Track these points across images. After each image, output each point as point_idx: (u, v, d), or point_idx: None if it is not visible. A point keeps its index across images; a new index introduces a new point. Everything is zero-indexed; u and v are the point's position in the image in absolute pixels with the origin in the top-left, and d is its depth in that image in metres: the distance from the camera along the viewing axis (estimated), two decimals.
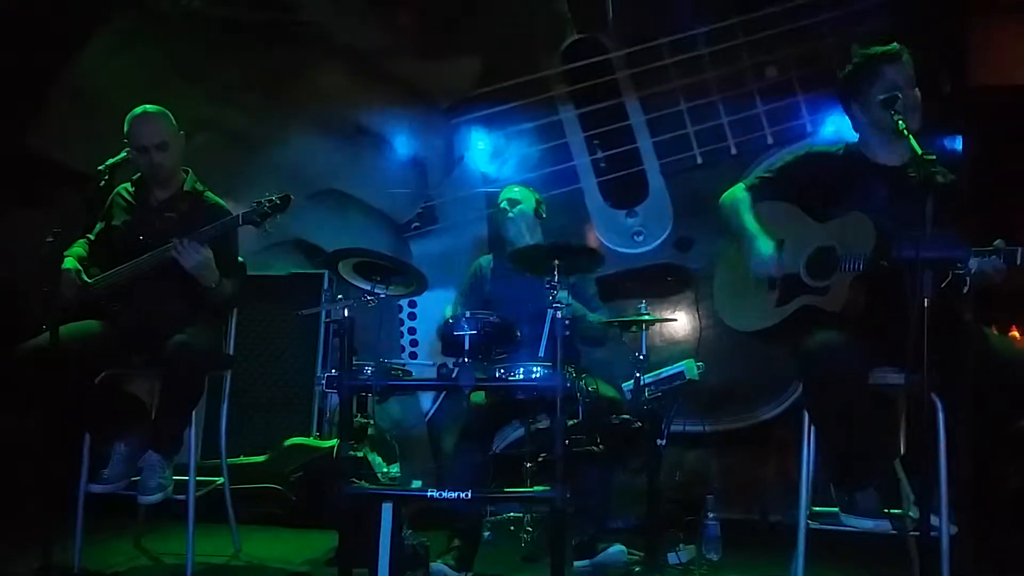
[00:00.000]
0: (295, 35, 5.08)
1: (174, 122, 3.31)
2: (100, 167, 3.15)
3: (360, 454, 3.41)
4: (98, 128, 4.38)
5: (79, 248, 3.31)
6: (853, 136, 2.94)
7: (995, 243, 2.51)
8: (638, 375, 3.44)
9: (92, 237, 3.37)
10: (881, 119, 2.72)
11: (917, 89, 2.76)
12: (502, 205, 3.84)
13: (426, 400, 4.81)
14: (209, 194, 3.42)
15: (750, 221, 2.90)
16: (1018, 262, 2.47)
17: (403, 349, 4.89)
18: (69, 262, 3.17)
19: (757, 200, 2.94)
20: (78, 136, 4.83)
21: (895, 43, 2.78)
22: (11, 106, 4.94)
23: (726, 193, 3.01)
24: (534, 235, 3.80)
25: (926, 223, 2.24)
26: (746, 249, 2.87)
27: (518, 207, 3.80)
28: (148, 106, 3.28)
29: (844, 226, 2.73)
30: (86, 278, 3.17)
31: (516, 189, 3.91)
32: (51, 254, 2.97)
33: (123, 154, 3.22)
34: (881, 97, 2.64)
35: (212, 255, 3.09)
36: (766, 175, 2.98)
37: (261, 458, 4.26)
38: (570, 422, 2.99)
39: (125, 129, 3.25)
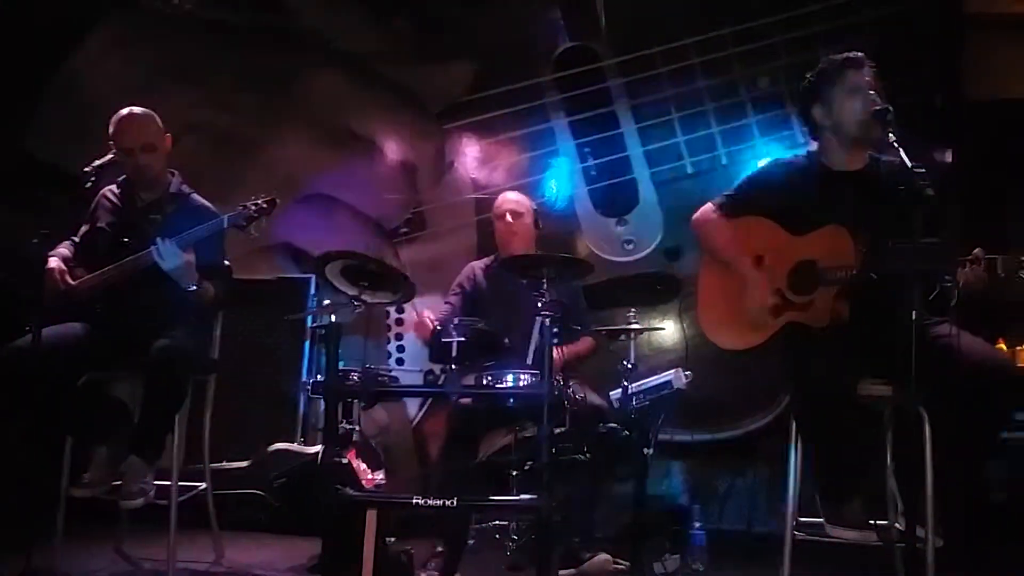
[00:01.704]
0: (287, 38, 5.07)
1: (160, 124, 3.28)
2: (86, 168, 3.12)
3: (345, 460, 3.38)
4: (89, 129, 4.35)
5: (64, 249, 3.27)
6: None
7: (974, 252, 2.49)
8: (626, 384, 3.43)
9: (77, 239, 3.34)
10: (842, 122, 2.76)
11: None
12: (507, 219, 3.80)
13: (412, 407, 4.78)
14: (195, 196, 3.39)
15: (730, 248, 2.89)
16: (999, 271, 2.46)
17: (389, 355, 4.87)
18: (54, 263, 3.13)
19: (729, 217, 2.93)
20: (68, 137, 4.79)
21: (859, 52, 2.82)
22: (2, 107, 4.91)
23: (697, 214, 2.99)
24: (529, 247, 3.79)
25: (913, 234, 2.25)
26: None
27: (521, 219, 3.79)
28: (134, 107, 3.25)
29: (822, 238, 2.73)
30: (70, 280, 3.14)
31: (516, 197, 3.87)
32: (35, 255, 2.95)
33: (109, 155, 3.19)
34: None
35: (192, 258, 3.06)
36: (733, 192, 2.99)
37: (244, 463, 4.23)
38: (557, 430, 2.98)
39: (111, 130, 3.22)
